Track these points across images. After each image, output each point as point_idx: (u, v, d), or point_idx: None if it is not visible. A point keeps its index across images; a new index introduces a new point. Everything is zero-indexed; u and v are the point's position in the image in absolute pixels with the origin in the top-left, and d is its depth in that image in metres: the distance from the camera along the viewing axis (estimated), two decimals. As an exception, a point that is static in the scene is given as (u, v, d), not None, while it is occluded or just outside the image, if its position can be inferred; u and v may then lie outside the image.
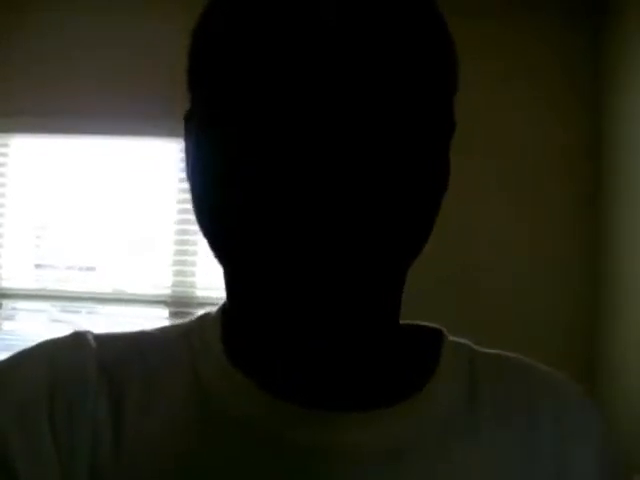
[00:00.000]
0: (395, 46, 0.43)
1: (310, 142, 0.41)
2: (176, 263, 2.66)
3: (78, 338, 0.53)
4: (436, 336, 0.56)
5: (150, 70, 2.53)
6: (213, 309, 0.57)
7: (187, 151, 0.52)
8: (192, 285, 2.65)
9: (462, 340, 0.57)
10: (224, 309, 0.56)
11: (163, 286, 2.64)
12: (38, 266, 2.72)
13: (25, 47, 2.62)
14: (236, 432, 0.49)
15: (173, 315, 2.58)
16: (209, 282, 2.60)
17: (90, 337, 0.53)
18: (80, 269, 2.70)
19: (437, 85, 0.46)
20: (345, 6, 0.43)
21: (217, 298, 2.48)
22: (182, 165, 0.48)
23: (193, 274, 2.65)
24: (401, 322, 0.55)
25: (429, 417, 0.51)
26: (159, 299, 2.62)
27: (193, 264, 2.65)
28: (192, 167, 0.50)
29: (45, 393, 0.49)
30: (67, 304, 2.66)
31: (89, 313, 2.67)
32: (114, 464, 0.47)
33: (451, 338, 0.57)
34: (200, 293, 2.63)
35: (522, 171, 2.43)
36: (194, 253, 2.65)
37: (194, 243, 2.64)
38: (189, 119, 0.51)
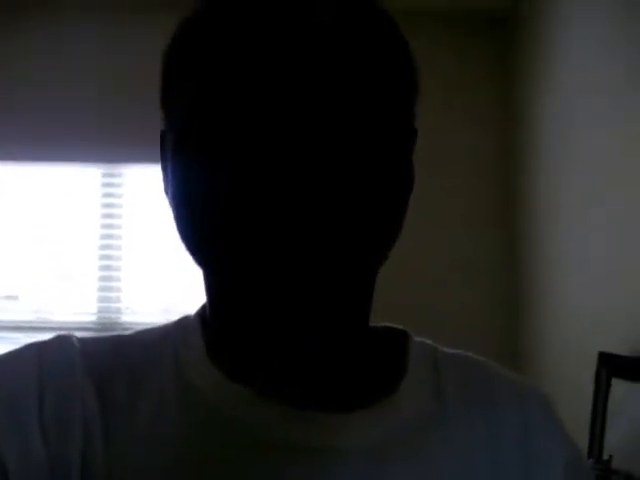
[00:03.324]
0: (364, 62, 0.47)
1: (281, 150, 0.44)
2: (101, 289, 2.65)
3: (63, 339, 0.54)
4: (402, 337, 0.59)
5: (73, 97, 2.53)
6: (191, 313, 0.58)
7: (165, 169, 0.53)
8: (117, 311, 2.64)
9: (427, 341, 0.59)
10: (203, 312, 0.57)
11: (88, 312, 2.63)
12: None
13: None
14: (222, 433, 0.50)
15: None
16: (134, 306, 2.59)
17: (74, 338, 0.54)
18: (2, 297, 2.64)
19: (400, 96, 0.50)
20: (320, 27, 0.46)
21: (143, 322, 2.48)
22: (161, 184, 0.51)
23: (118, 300, 2.65)
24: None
25: (406, 417, 0.53)
26: (84, 326, 2.60)
27: (118, 290, 2.65)
28: (170, 179, 0.51)
29: (34, 388, 0.49)
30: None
31: (11, 343, 2.59)
32: (104, 461, 0.48)
33: (416, 339, 0.59)
34: (126, 318, 2.63)
35: (442, 175, 2.58)
36: (118, 279, 2.65)
37: (118, 269, 2.64)
38: (164, 137, 0.53)
